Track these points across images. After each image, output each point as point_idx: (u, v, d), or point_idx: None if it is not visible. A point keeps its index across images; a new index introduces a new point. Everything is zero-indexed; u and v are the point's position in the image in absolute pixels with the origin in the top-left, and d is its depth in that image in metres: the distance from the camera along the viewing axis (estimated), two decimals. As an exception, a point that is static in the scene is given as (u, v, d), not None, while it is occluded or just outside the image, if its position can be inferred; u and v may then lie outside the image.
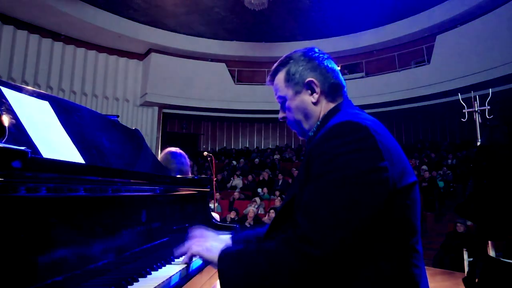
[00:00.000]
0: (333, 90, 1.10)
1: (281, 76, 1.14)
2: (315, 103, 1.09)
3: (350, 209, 0.82)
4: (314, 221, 0.83)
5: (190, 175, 2.49)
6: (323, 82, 1.09)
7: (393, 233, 0.87)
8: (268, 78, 1.19)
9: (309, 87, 1.09)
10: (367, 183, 0.83)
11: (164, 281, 1.03)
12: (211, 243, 1.09)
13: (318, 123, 1.08)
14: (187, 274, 1.21)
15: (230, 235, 1.37)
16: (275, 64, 1.17)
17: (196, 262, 1.31)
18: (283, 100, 1.13)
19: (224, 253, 0.97)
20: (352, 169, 0.84)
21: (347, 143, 0.86)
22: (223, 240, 1.20)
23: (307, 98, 1.09)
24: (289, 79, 1.11)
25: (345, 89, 1.14)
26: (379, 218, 0.85)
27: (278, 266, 0.84)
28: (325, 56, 1.14)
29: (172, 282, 1.08)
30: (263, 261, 0.87)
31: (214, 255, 0.98)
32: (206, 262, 1.14)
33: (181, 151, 2.60)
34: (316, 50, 1.15)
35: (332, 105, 1.09)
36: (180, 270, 1.16)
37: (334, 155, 0.86)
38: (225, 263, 0.94)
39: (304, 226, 0.84)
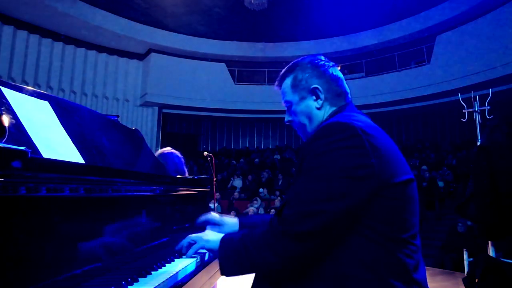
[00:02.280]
0: (336, 97, 1.16)
1: (288, 82, 1.20)
2: (319, 108, 1.15)
3: (329, 199, 0.89)
4: (295, 208, 0.93)
5: (187, 174, 2.46)
6: (328, 89, 1.15)
7: (384, 226, 0.92)
8: (276, 83, 1.25)
9: (314, 93, 1.15)
10: (349, 177, 0.90)
11: (164, 281, 1.03)
12: (207, 234, 1.19)
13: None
14: (187, 274, 1.21)
15: (237, 219, 1.42)
16: (283, 70, 1.23)
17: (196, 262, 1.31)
18: (289, 104, 1.19)
19: (222, 240, 1.07)
20: (335, 165, 0.91)
21: (334, 141, 0.93)
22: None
23: (312, 103, 1.15)
24: (295, 84, 1.17)
25: (349, 95, 1.20)
26: (369, 210, 0.90)
27: (260, 246, 0.95)
28: (331, 64, 1.20)
29: (172, 282, 1.08)
30: (250, 244, 0.98)
31: (215, 243, 1.08)
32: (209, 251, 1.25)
33: (173, 151, 2.54)
34: (322, 58, 1.21)
35: (333, 110, 1.15)
36: (180, 270, 1.16)
37: (320, 152, 0.94)
38: (223, 250, 1.04)
39: (286, 212, 0.94)
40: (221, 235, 1.10)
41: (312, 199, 0.91)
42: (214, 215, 1.43)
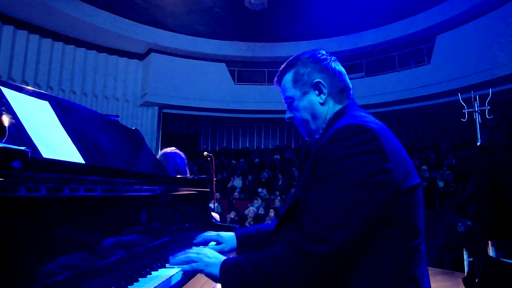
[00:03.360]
0: (340, 92, 1.12)
1: (288, 77, 1.14)
2: (322, 104, 1.10)
3: (355, 209, 0.83)
4: (319, 222, 0.84)
5: (189, 175, 2.47)
6: (331, 83, 1.11)
7: (397, 233, 0.89)
8: (275, 79, 1.20)
9: (317, 88, 1.10)
10: (372, 184, 0.84)
11: (164, 281, 1.03)
12: (209, 256, 1.03)
13: (324, 125, 1.09)
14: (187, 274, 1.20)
15: (234, 232, 1.36)
16: (283, 66, 1.17)
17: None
18: (290, 100, 1.14)
19: (226, 264, 0.95)
20: (356, 171, 0.85)
21: (353, 145, 0.88)
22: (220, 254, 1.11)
23: (315, 99, 1.10)
24: (297, 79, 1.12)
25: (352, 91, 1.15)
26: (383, 218, 0.86)
27: (283, 269, 0.84)
28: (333, 58, 1.15)
29: (172, 282, 1.08)
30: (267, 267, 0.86)
31: (215, 268, 0.96)
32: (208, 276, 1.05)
33: (176, 151, 2.55)
34: (323, 52, 1.16)
35: (338, 107, 1.11)
36: (180, 270, 1.16)
37: (339, 157, 0.87)
38: (228, 274, 0.92)
39: (309, 226, 0.85)
40: (221, 257, 1.00)
41: (337, 211, 0.83)
42: (210, 234, 1.39)
